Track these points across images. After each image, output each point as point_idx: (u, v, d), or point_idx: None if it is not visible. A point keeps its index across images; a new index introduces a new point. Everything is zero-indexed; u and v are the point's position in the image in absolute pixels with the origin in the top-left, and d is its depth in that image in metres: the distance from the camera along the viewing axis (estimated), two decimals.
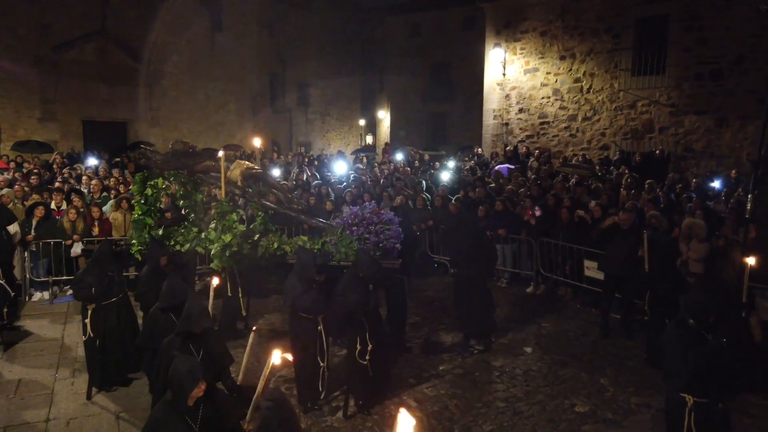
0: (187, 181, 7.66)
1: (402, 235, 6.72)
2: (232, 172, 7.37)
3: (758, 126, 13.93)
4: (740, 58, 14.04)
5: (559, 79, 17.18)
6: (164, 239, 7.03)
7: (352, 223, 6.67)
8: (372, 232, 6.54)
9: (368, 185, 12.33)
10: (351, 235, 6.57)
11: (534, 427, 5.56)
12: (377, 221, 6.61)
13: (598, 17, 16.24)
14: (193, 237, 7.03)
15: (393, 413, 5.68)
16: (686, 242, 7.97)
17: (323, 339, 5.76)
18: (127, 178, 12.89)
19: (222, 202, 7.09)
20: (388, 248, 6.56)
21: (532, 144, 17.58)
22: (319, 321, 5.71)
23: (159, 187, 7.55)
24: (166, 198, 8.51)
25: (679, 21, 14.82)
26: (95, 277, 5.99)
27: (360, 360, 5.58)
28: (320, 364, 5.76)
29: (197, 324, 4.47)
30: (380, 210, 6.95)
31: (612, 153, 15.90)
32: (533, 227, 9.74)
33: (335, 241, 6.60)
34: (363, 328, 5.58)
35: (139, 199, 7.53)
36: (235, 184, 7.41)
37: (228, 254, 6.71)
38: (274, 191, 7.62)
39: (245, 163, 7.64)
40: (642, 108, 15.74)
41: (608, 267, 7.88)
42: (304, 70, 28.68)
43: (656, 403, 5.96)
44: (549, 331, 8.06)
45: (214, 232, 6.81)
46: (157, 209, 7.56)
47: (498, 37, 18.34)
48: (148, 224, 7.32)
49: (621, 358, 7.15)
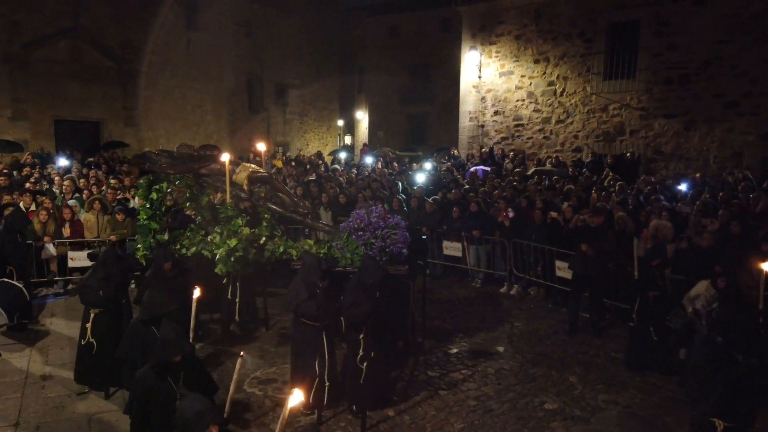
0: (193, 185, 7.65)
1: (409, 240, 6.63)
2: (238, 175, 7.36)
3: (724, 129, 14.42)
4: (707, 63, 14.45)
5: (533, 82, 17.45)
6: (170, 243, 6.98)
7: (357, 227, 6.52)
8: (378, 236, 6.40)
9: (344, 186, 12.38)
10: (357, 240, 6.47)
11: (504, 424, 5.69)
12: (383, 226, 6.48)
13: (571, 22, 16.55)
14: (199, 240, 6.99)
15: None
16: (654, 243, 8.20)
17: (325, 346, 5.68)
18: (100, 179, 12.74)
19: (227, 206, 7.08)
20: (394, 253, 6.44)
21: (507, 146, 17.83)
22: (323, 328, 5.64)
23: (164, 191, 7.51)
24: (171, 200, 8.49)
25: (649, 26, 15.19)
26: (100, 281, 5.99)
27: (358, 365, 5.53)
28: (316, 372, 5.67)
29: (174, 352, 4.03)
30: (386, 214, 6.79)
31: (584, 155, 16.20)
32: (507, 228, 9.90)
33: (341, 245, 6.54)
34: (368, 334, 5.52)
35: (144, 203, 7.47)
36: (241, 187, 7.42)
37: (233, 259, 6.68)
38: (280, 194, 7.62)
39: (251, 167, 7.65)
40: (613, 111, 16.09)
41: (577, 266, 8.07)
42: (282, 70, 28.59)
43: (623, 400, 6.15)
44: (521, 331, 8.22)
45: (219, 237, 6.79)
46: (163, 213, 7.51)
47: (474, 40, 18.56)
48: (153, 228, 7.26)
49: (590, 356, 7.33)
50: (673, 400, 6.15)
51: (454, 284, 10.31)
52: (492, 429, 5.60)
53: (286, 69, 28.72)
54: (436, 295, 9.54)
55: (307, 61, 29.84)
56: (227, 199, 7.18)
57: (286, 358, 7.12)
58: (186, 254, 6.95)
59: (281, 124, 29.61)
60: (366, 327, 5.51)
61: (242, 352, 3.73)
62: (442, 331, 8.05)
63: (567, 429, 5.61)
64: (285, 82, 29.21)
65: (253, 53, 26.86)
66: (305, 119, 31.15)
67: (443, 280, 10.47)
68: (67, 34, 19.97)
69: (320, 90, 31.48)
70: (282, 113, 29.58)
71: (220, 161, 7.29)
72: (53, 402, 5.97)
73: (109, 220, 9.90)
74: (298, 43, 28.77)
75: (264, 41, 27.12)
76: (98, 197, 10.27)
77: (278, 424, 3.04)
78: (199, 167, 7.52)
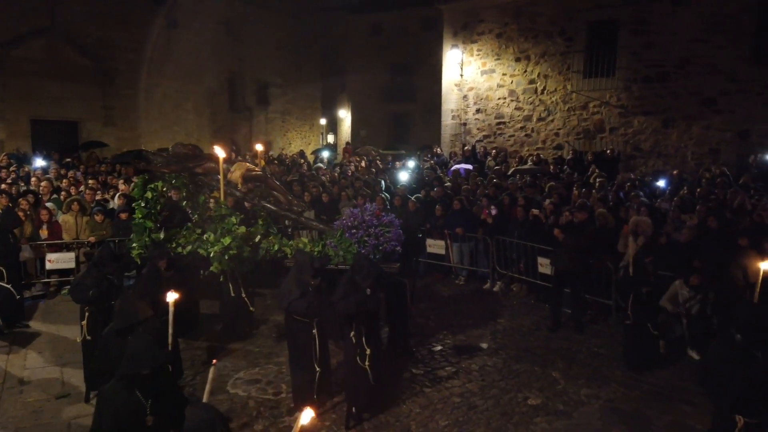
0: (190, 183, 7.66)
1: (403, 237, 6.62)
2: (233, 173, 7.40)
3: (702, 126, 14.66)
4: (684, 62, 14.67)
5: (514, 80, 17.57)
6: (166, 242, 6.97)
7: (351, 225, 6.52)
8: (371, 234, 6.40)
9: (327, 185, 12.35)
10: (350, 238, 6.45)
11: (488, 420, 5.72)
12: (377, 224, 6.47)
13: (551, 20, 16.68)
14: (195, 239, 6.99)
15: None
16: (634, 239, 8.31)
17: (317, 343, 5.68)
18: (79, 179, 12.55)
19: (221, 204, 7.07)
20: (388, 251, 6.43)
21: (489, 144, 17.93)
22: (314, 325, 5.66)
23: (159, 189, 7.50)
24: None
25: (628, 25, 15.37)
26: (94, 280, 6.02)
27: (360, 364, 5.52)
28: (316, 369, 5.69)
29: (144, 364, 3.76)
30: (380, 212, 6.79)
31: (565, 152, 16.36)
32: (490, 226, 9.96)
33: (335, 243, 6.53)
34: (360, 332, 5.53)
35: (140, 202, 7.46)
36: (235, 186, 7.43)
37: (227, 257, 6.70)
38: (274, 193, 7.64)
39: (246, 165, 7.74)
40: (593, 109, 16.26)
41: (559, 263, 8.15)
42: (264, 68, 28.39)
43: (605, 394, 6.23)
44: (504, 327, 8.28)
45: (213, 235, 6.79)
46: (158, 212, 7.48)
47: (455, 39, 18.62)
48: (149, 227, 7.24)
49: (572, 351, 7.41)
50: (653, 394, 6.25)
51: (438, 282, 10.34)
52: (476, 425, 5.64)
53: (267, 68, 28.53)
54: (419, 292, 9.56)
55: (289, 60, 29.67)
56: (221, 198, 7.18)
57: (269, 359, 7.12)
58: (182, 253, 6.96)
59: (263, 123, 29.42)
60: (358, 324, 5.51)
61: (214, 360, 3.61)
62: (426, 329, 8.08)
63: (550, 424, 5.67)
64: (267, 80, 29.03)
65: (234, 52, 26.63)
66: (287, 118, 30.99)
67: (427, 277, 10.50)
68: (43, 33, 19.59)
69: (302, 89, 31.34)
70: (264, 112, 29.39)
71: (215, 159, 7.29)
72: (32, 406, 5.87)
73: (87, 222, 9.75)
74: (279, 41, 28.59)
75: (245, 40, 26.91)
76: (76, 198, 10.11)
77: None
78: (194, 166, 7.55)
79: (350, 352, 5.61)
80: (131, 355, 3.80)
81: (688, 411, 5.86)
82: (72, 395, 6.09)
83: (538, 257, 9.02)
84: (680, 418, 5.73)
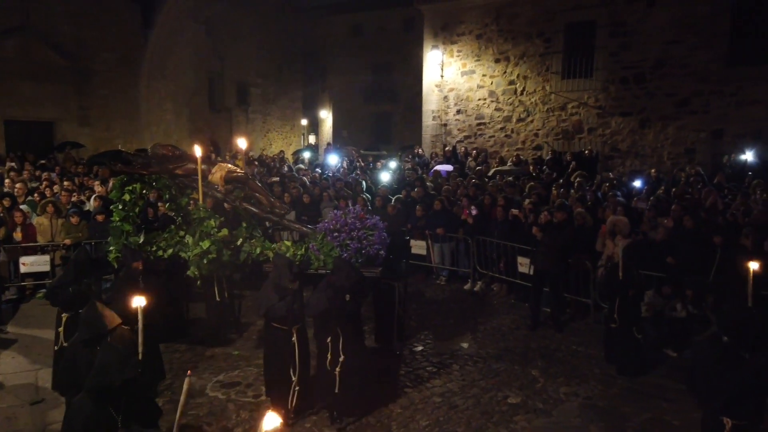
0: (171, 185, 7.52)
1: (388, 240, 6.49)
2: (214, 175, 7.25)
3: (677, 127, 14.92)
4: (659, 63, 14.92)
5: (494, 81, 17.69)
6: (145, 244, 6.84)
7: (333, 228, 6.37)
8: (354, 238, 6.25)
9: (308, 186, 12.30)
10: (332, 242, 6.33)
11: (469, 420, 5.75)
12: (360, 227, 6.32)
13: (530, 22, 16.83)
14: (176, 242, 6.85)
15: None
16: (611, 238, 8.43)
17: (297, 351, 5.53)
18: (54, 181, 12.32)
19: (200, 207, 6.94)
20: (371, 255, 6.30)
21: (469, 144, 18.03)
22: (294, 332, 5.51)
23: (138, 192, 7.35)
24: None
25: (605, 27, 15.58)
26: (70, 284, 5.90)
27: (330, 371, 5.41)
28: (292, 378, 5.52)
29: (114, 377, 3.58)
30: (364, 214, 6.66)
31: (545, 153, 16.52)
32: (470, 226, 10.01)
33: (317, 247, 6.42)
34: (337, 337, 5.40)
35: (117, 204, 7.30)
36: (216, 187, 7.31)
37: (206, 261, 6.56)
38: (256, 195, 7.52)
39: (227, 166, 7.56)
40: (572, 110, 16.45)
41: (538, 262, 8.22)
42: (244, 68, 28.18)
43: (583, 392, 6.31)
44: (485, 326, 8.33)
45: (192, 238, 6.65)
46: (137, 214, 7.35)
47: (435, 40, 18.69)
48: (126, 230, 7.09)
49: (551, 350, 7.49)
50: (630, 391, 6.34)
51: (419, 282, 10.36)
52: (457, 425, 5.66)
53: (247, 68, 28.32)
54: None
55: (269, 60, 29.49)
56: (200, 200, 7.06)
57: (249, 362, 7.06)
58: (162, 256, 6.83)
59: (244, 124, 29.19)
60: (335, 328, 5.42)
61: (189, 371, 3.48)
62: (407, 329, 8.08)
63: (530, 422, 5.71)
64: (247, 80, 28.81)
65: (214, 52, 26.39)
66: (268, 118, 30.80)
67: (408, 278, 10.50)
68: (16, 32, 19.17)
69: (283, 89, 31.17)
70: (244, 112, 29.17)
71: (195, 160, 7.16)
72: (4, 413, 5.75)
73: (63, 224, 9.58)
74: (259, 41, 28.39)
75: (225, 39, 26.66)
76: (51, 200, 9.93)
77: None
78: (174, 168, 7.39)
79: (323, 358, 5.50)
80: (101, 367, 3.61)
81: (665, 407, 5.95)
82: (47, 401, 5.97)
83: (518, 257, 9.10)
84: (658, 415, 5.81)
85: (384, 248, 6.43)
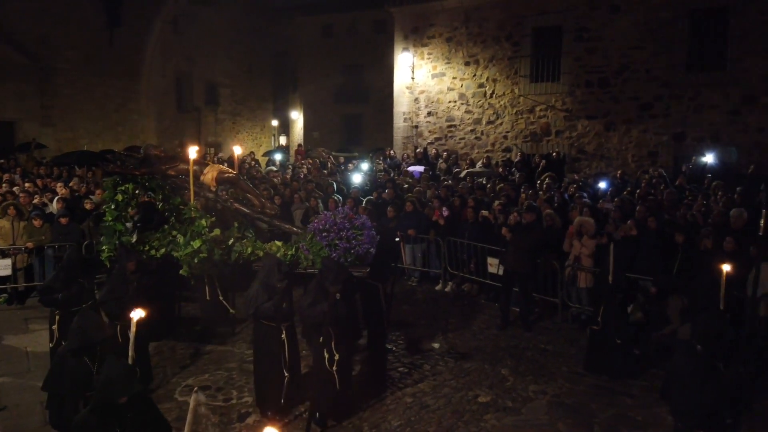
0: (165, 185, 7.58)
1: (377, 240, 6.50)
2: (206, 176, 7.31)
3: (640, 130, 15.33)
4: (623, 68, 15.31)
5: (464, 83, 17.88)
6: (138, 244, 6.86)
7: (322, 228, 6.36)
8: (343, 238, 6.25)
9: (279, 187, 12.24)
10: (321, 242, 6.34)
11: (440, 419, 5.81)
12: (349, 227, 6.32)
13: (499, 26, 17.07)
14: (169, 242, 6.86)
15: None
16: (578, 239, 8.62)
17: (287, 348, 5.61)
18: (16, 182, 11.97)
19: (190, 206, 6.99)
20: (360, 254, 6.31)
21: (440, 146, 18.17)
22: (283, 329, 5.59)
23: (130, 192, 7.38)
24: None
25: (571, 32, 15.90)
26: (63, 284, 6.00)
27: (328, 369, 5.47)
28: (285, 374, 5.61)
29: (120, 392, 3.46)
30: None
31: (514, 155, 16.77)
32: (441, 227, 10.11)
33: (307, 247, 6.44)
34: (330, 337, 5.46)
35: (110, 204, 7.30)
36: (208, 188, 7.35)
37: (197, 261, 6.60)
38: (248, 195, 7.60)
39: (219, 167, 7.68)
40: (540, 112, 16.75)
41: (508, 262, 8.36)
42: (213, 68, 27.84)
43: (551, 390, 6.43)
44: (455, 327, 8.42)
45: (183, 238, 6.69)
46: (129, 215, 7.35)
47: (406, 42, 18.79)
48: (119, 230, 7.10)
49: (521, 349, 7.62)
50: (597, 388, 6.50)
51: None
52: (428, 424, 5.72)
53: (216, 67, 27.99)
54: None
55: (239, 60, 29.20)
56: (191, 200, 7.09)
57: (219, 365, 7.01)
58: (155, 255, 6.86)
59: (213, 124, 28.83)
60: (328, 329, 5.46)
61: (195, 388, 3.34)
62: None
63: (499, 420, 5.81)
64: (216, 80, 28.47)
65: (182, 51, 25.99)
66: (238, 119, 30.48)
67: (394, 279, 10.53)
68: None
69: (253, 89, 30.90)
70: (213, 113, 28.81)
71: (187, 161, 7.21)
72: None
73: (25, 227, 9.33)
74: (229, 41, 28.07)
75: (193, 39, 26.29)
76: (12, 202, 9.65)
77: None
78: (166, 168, 7.49)
79: (318, 357, 5.58)
80: (106, 381, 3.48)
81: (629, 403, 6.12)
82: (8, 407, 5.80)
83: (488, 257, 9.22)
84: (622, 411, 5.97)
85: (373, 247, 6.45)
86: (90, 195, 10.91)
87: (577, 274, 8.43)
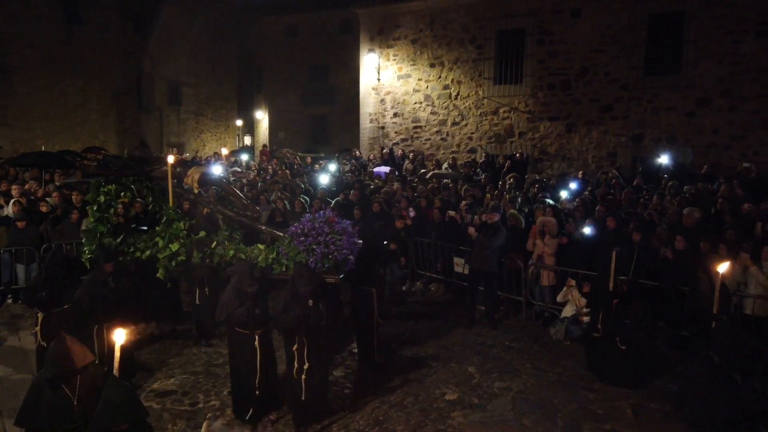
0: (153, 187, 7.54)
1: (358, 245, 6.40)
2: (189, 178, 7.23)
3: (601, 131, 15.76)
4: (584, 71, 15.71)
5: (429, 85, 18.05)
6: (122, 245, 6.79)
7: (300, 232, 6.22)
8: (321, 242, 6.13)
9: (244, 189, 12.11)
10: (298, 246, 6.24)
11: (408, 418, 5.88)
12: (328, 231, 6.18)
13: (464, 28, 17.30)
14: (154, 244, 6.77)
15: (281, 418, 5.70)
16: (541, 238, 8.83)
17: (258, 355, 5.55)
18: None
19: (169, 209, 6.92)
20: (338, 260, 6.18)
21: (406, 147, 18.30)
22: (256, 336, 5.52)
23: (113, 194, 7.29)
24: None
25: (533, 35, 16.24)
26: (45, 284, 6.02)
27: (296, 378, 5.44)
28: (256, 385, 5.58)
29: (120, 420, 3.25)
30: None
31: (478, 156, 17.02)
32: (408, 227, 10.18)
33: (286, 251, 6.35)
34: (302, 345, 5.41)
35: (93, 205, 7.17)
36: (191, 190, 7.30)
37: (175, 264, 6.53)
38: (231, 198, 7.51)
39: (202, 169, 7.59)
40: (504, 114, 17.04)
41: (473, 262, 8.50)
42: (176, 67, 27.31)
43: (516, 386, 6.58)
44: (423, 326, 8.51)
45: (162, 240, 6.62)
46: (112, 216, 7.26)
47: (372, 43, 18.85)
48: (100, 232, 6.98)
49: (486, 346, 7.76)
50: (559, 383, 6.68)
51: None
52: (396, 423, 5.78)
53: (179, 66, 27.47)
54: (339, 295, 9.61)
55: (203, 59, 28.73)
56: (170, 202, 7.04)
57: (185, 369, 6.93)
58: (140, 257, 6.81)
59: (175, 124, 28.29)
60: (300, 336, 5.43)
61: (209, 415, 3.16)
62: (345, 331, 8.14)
63: (466, 417, 5.91)
64: (179, 80, 27.94)
65: (143, 49, 25.41)
66: (201, 119, 30.00)
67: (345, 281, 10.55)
68: None
69: (217, 89, 30.45)
70: (176, 112, 28.26)
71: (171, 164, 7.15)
72: None
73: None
74: (192, 40, 27.60)
75: (155, 37, 25.74)
76: None
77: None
78: (151, 170, 7.45)
79: (290, 365, 5.55)
80: (106, 407, 3.28)
81: (591, 398, 6.31)
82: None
83: (454, 257, 9.35)
84: (585, 405, 6.15)
85: (354, 253, 6.31)
86: (47, 197, 10.60)
87: (540, 273, 8.64)
